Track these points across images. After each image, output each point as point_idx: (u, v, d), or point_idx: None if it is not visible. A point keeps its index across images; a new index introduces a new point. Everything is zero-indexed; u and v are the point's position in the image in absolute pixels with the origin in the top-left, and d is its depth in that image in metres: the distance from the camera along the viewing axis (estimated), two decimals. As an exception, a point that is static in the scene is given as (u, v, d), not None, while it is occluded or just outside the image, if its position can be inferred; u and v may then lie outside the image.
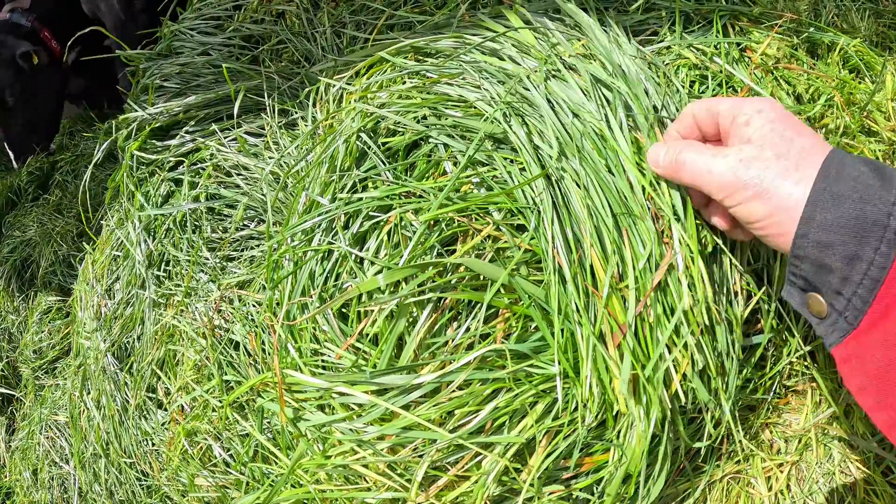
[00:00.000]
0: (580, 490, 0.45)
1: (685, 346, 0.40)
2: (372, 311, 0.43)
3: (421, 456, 0.42)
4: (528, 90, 0.49)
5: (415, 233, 0.43)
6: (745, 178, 0.34)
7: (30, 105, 1.23)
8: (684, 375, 0.42)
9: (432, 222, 0.44)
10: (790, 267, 0.34)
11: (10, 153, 1.26)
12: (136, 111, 0.72)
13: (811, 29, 0.59)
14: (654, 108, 0.48)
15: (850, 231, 0.31)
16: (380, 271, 0.42)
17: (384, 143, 0.51)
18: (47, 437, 1.02)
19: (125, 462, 0.80)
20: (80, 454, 0.88)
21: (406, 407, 0.41)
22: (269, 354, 0.54)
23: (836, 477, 0.57)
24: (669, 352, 0.40)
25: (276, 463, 0.55)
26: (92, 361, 0.86)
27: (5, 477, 1.10)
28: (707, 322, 0.41)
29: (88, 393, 0.86)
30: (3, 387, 1.18)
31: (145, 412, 0.77)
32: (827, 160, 0.33)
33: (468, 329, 0.42)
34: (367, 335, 0.44)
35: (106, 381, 0.82)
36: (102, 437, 0.83)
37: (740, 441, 0.55)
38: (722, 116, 0.39)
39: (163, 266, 0.72)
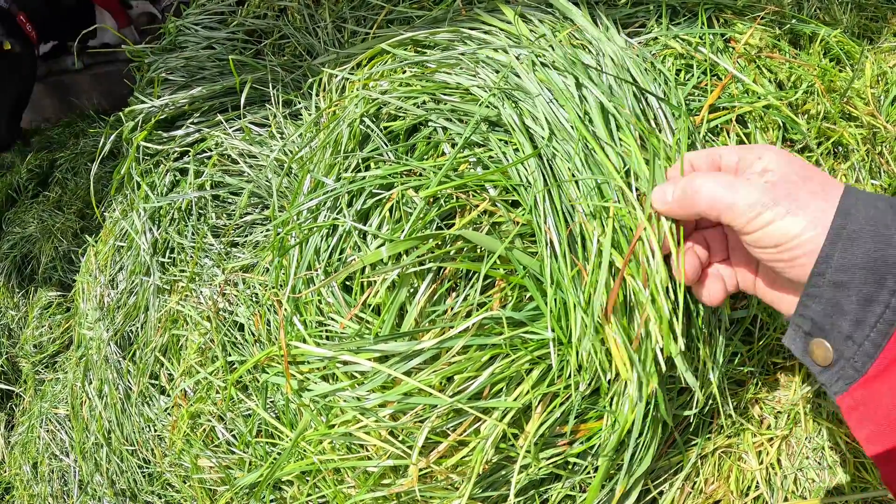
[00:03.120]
0: (575, 456, 0.46)
1: (668, 314, 0.42)
2: (375, 282, 0.45)
3: (422, 422, 0.43)
4: (521, 77, 0.51)
5: (415, 209, 0.45)
6: (777, 195, 0.32)
7: None
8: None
9: (432, 198, 0.46)
10: (799, 308, 0.33)
11: None
12: (143, 103, 0.73)
13: (793, 20, 0.62)
14: (641, 90, 0.50)
15: (868, 272, 0.30)
16: (382, 244, 0.44)
17: (386, 128, 0.53)
18: (47, 431, 1.02)
19: (127, 450, 0.81)
20: (82, 444, 0.88)
21: (408, 373, 0.42)
22: (273, 333, 0.56)
23: (825, 451, 0.58)
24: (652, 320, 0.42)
25: (280, 439, 0.57)
26: (94, 351, 0.87)
27: (5, 472, 1.11)
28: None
29: (90, 383, 0.87)
30: (2, 382, 1.18)
31: (148, 399, 0.78)
32: (843, 196, 0.31)
33: (466, 298, 0.44)
34: (370, 306, 0.46)
35: (108, 369, 0.83)
36: (104, 426, 0.84)
37: (730, 415, 0.57)
38: (725, 159, 0.37)
39: (167, 254, 0.74)
